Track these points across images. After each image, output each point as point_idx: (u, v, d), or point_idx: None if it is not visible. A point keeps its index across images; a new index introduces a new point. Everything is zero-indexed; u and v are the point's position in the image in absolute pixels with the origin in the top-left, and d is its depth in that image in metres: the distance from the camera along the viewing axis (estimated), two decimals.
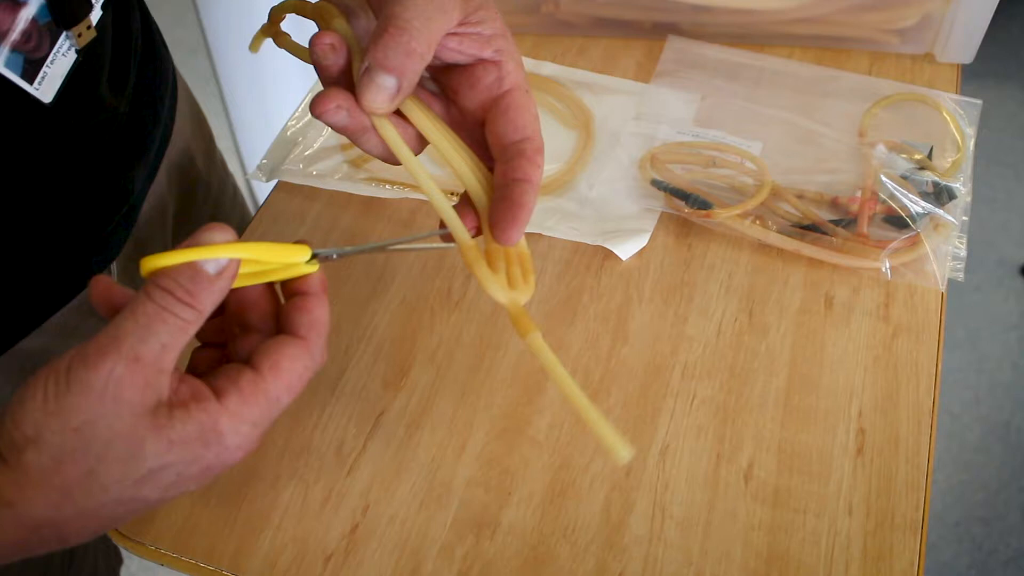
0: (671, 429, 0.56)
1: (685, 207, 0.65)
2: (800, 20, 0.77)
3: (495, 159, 0.44)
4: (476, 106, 0.45)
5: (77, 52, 0.52)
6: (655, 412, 0.57)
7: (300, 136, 0.74)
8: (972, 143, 0.71)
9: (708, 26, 0.79)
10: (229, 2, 1.33)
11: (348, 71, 0.44)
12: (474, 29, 0.43)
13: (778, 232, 0.64)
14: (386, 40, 0.40)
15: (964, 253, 0.64)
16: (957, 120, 0.72)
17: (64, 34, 0.50)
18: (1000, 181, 1.94)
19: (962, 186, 0.67)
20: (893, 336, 0.60)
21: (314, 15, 0.47)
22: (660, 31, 0.79)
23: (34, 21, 0.48)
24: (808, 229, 0.64)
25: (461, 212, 0.44)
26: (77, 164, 0.56)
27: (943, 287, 0.62)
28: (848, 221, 0.64)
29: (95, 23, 0.53)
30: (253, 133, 1.46)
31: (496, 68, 0.44)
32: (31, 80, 0.49)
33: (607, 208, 0.67)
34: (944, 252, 0.64)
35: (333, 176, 0.70)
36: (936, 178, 0.66)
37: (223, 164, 0.86)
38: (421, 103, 0.45)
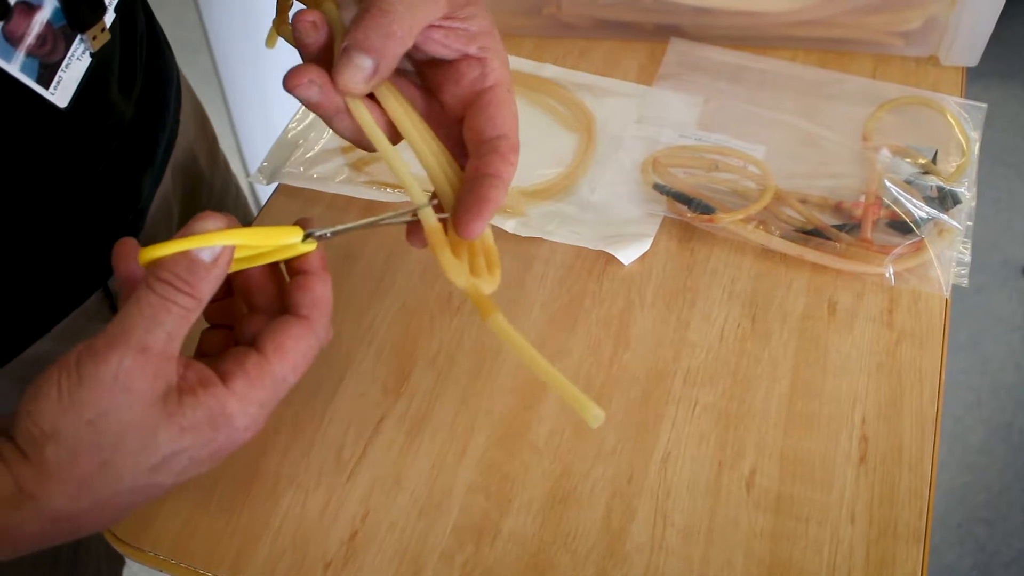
0: (673, 436, 0.56)
1: (688, 212, 0.64)
2: (803, 22, 0.76)
3: (469, 154, 0.44)
4: (457, 102, 0.45)
5: (91, 56, 0.51)
6: (657, 419, 0.57)
7: (301, 139, 0.73)
8: (977, 147, 0.70)
9: (711, 28, 0.78)
10: (230, 1, 1.33)
11: (329, 51, 0.43)
12: (461, 24, 0.43)
13: (781, 237, 0.63)
14: (367, 21, 0.40)
15: (968, 259, 0.64)
16: (962, 124, 0.71)
17: (79, 37, 0.50)
18: (1004, 181, 1.93)
19: (967, 191, 0.66)
20: (897, 342, 0.60)
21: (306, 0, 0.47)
22: (663, 33, 0.79)
23: (49, 25, 0.47)
24: (811, 234, 0.64)
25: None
26: (89, 169, 0.56)
27: (947, 293, 0.62)
28: (852, 226, 0.64)
29: (108, 26, 0.52)
30: (255, 132, 1.46)
31: (480, 64, 0.44)
32: (47, 85, 0.48)
33: (609, 212, 0.67)
34: (948, 258, 0.63)
35: (334, 179, 0.70)
36: (940, 183, 0.66)
37: (226, 165, 0.86)
38: (397, 92, 0.44)
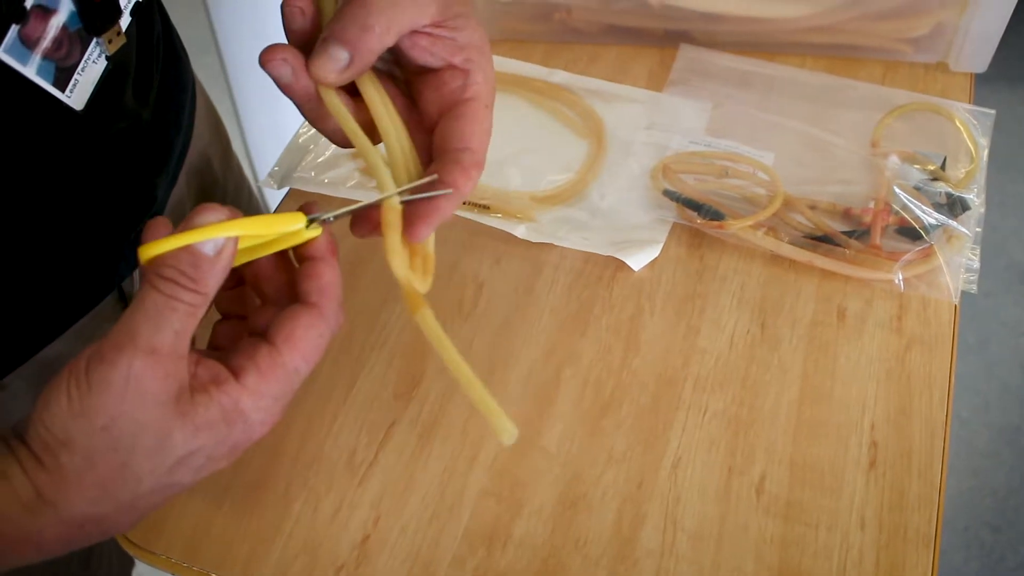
0: (683, 442, 0.56)
1: (697, 218, 0.65)
2: (813, 29, 0.77)
3: (433, 161, 0.44)
4: (435, 109, 0.44)
5: (107, 59, 0.51)
6: (667, 424, 0.57)
7: (312, 143, 0.74)
8: (986, 153, 0.70)
9: (720, 34, 0.78)
10: (239, 2, 1.33)
11: (315, 40, 0.43)
12: (449, 33, 0.43)
13: (790, 243, 0.64)
14: (345, 13, 0.41)
15: (977, 265, 0.64)
16: (971, 130, 0.72)
17: (95, 41, 0.50)
18: (1011, 185, 1.93)
19: (976, 197, 0.66)
20: (906, 349, 0.60)
21: None
22: (672, 39, 0.79)
23: (64, 28, 0.47)
24: (821, 240, 0.64)
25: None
26: (104, 172, 0.56)
27: (956, 300, 0.62)
28: (861, 232, 0.64)
29: (124, 29, 0.52)
30: (264, 135, 1.46)
31: (463, 76, 0.44)
32: (63, 88, 0.49)
33: (619, 218, 0.67)
34: (957, 264, 0.63)
35: (345, 184, 0.70)
36: (950, 189, 0.66)
37: (239, 167, 0.86)
38: (379, 86, 0.44)
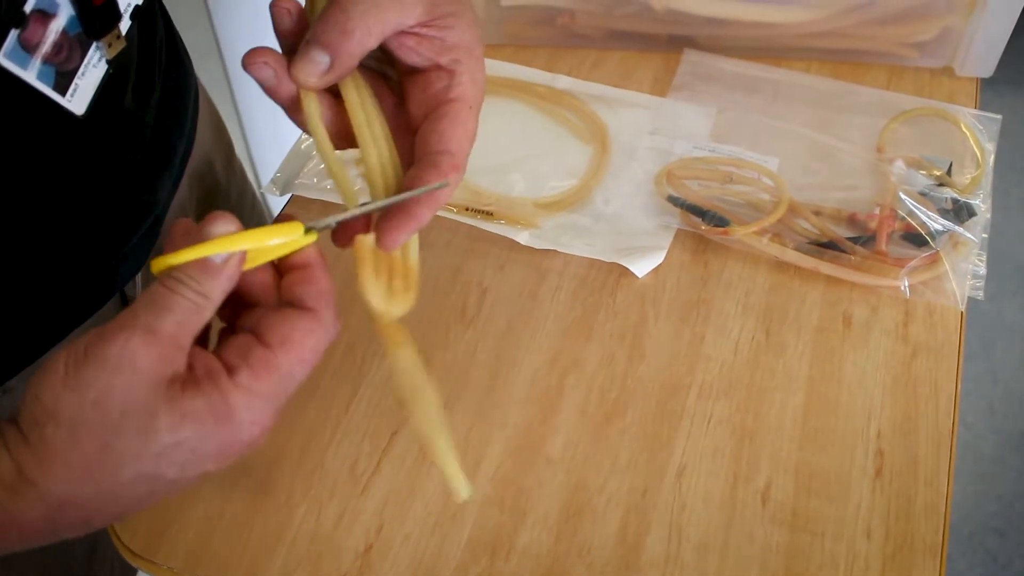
0: (688, 449, 0.56)
1: (702, 224, 0.64)
2: (818, 34, 0.76)
3: (413, 164, 0.43)
4: (420, 112, 0.44)
5: (108, 63, 0.51)
6: (671, 432, 0.56)
7: (314, 150, 0.73)
8: (992, 159, 0.70)
9: (725, 39, 0.78)
10: (242, 5, 1.33)
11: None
12: (437, 33, 0.43)
13: (795, 249, 0.63)
14: (326, 17, 0.41)
15: (984, 271, 0.64)
16: (976, 135, 0.71)
17: (94, 45, 0.50)
18: (1016, 189, 1.93)
19: (981, 203, 0.66)
20: (912, 356, 0.60)
21: None
22: (676, 44, 0.79)
23: (64, 32, 0.47)
24: (826, 246, 0.63)
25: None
26: (105, 176, 0.56)
27: (963, 306, 0.62)
28: (866, 238, 0.64)
29: (124, 33, 0.52)
30: (266, 139, 1.46)
31: (448, 76, 0.43)
32: (63, 92, 0.48)
33: (623, 224, 0.66)
34: (963, 270, 0.63)
35: None
36: (955, 195, 0.65)
37: (242, 172, 0.86)
38: (363, 89, 0.44)
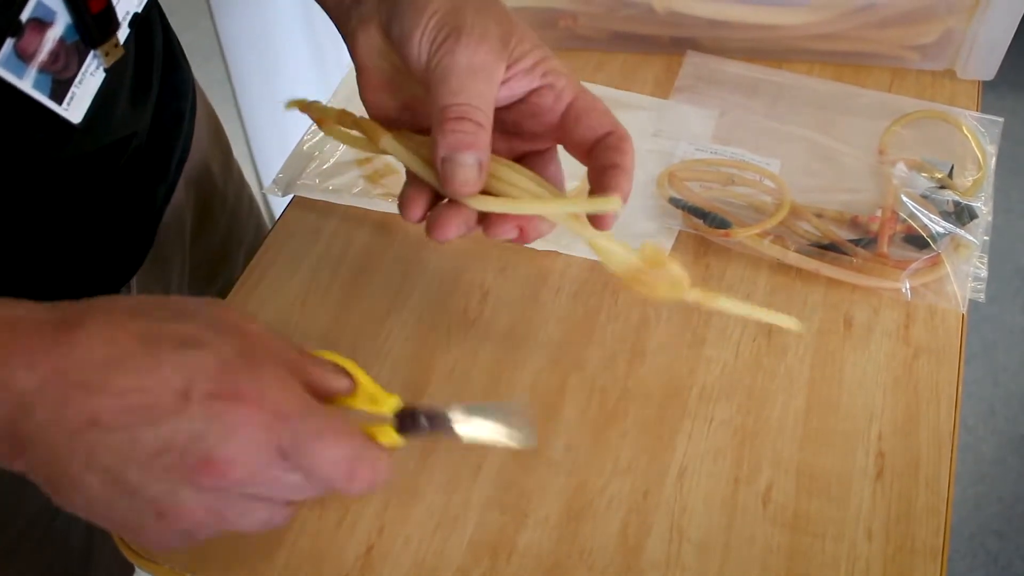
0: (689, 451, 0.56)
1: (703, 226, 0.64)
2: (820, 36, 0.76)
3: (587, 164, 0.45)
4: (543, 131, 0.46)
5: (105, 71, 0.51)
6: (672, 434, 0.57)
7: (316, 150, 0.73)
8: (993, 161, 0.70)
9: (727, 41, 0.78)
10: (244, 6, 1.33)
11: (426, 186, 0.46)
12: (518, 68, 0.44)
13: (797, 252, 0.63)
14: (448, 127, 0.41)
15: (985, 273, 0.64)
16: (978, 138, 0.71)
17: (92, 53, 0.50)
18: (1017, 192, 1.93)
19: (983, 205, 0.66)
20: (913, 358, 0.60)
21: (360, 128, 0.48)
22: (678, 46, 0.79)
23: (61, 41, 0.47)
24: (827, 249, 0.63)
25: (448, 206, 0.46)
26: (102, 182, 0.56)
27: (964, 308, 0.62)
28: (868, 241, 0.64)
29: (122, 41, 0.52)
30: (268, 140, 1.46)
31: (550, 91, 0.45)
32: (60, 101, 0.49)
33: (624, 226, 0.66)
34: (965, 272, 0.63)
35: (350, 191, 0.70)
36: (957, 197, 0.65)
37: (240, 176, 0.86)
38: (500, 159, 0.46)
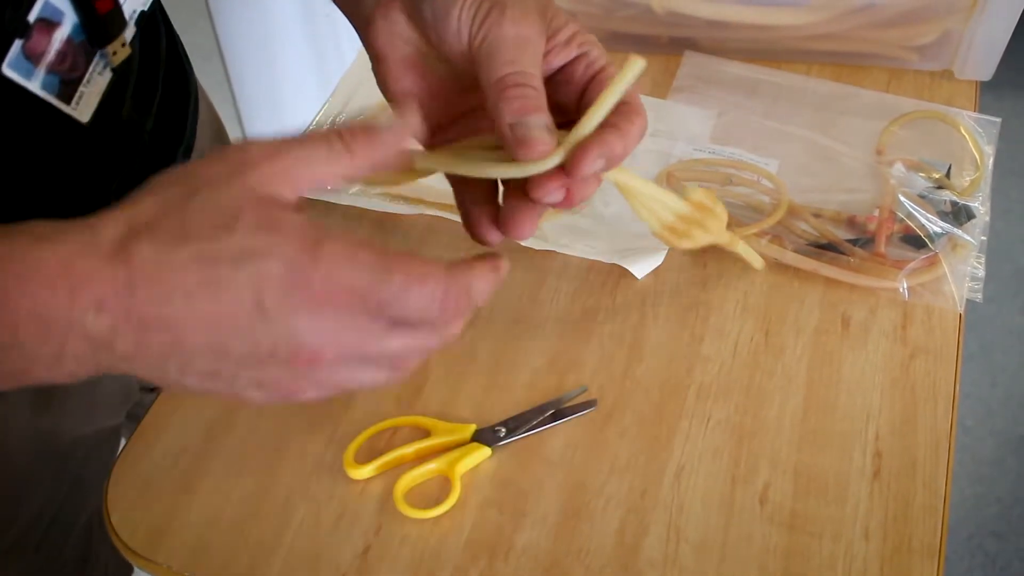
0: (686, 450, 0.56)
1: None
2: (818, 36, 0.76)
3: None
4: (572, 98, 0.46)
5: (112, 71, 0.51)
6: (670, 433, 0.57)
7: None
8: (991, 162, 0.70)
9: (725, 42, 0.78)
10: (243, 7, 1.34)
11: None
12: (556, 40, 0.45)
13: (795, 251, 0.63)
14: (510, 93, 0.42)
15: (982, 273, 0.64)
16: (976, 138, 0.71)
17: (99, 53, 0.50)
18: (1016, 192, 1.93)
19: (980, 205, 0.66)
20: (911, 358, 0.60)
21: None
22: (677, 46, 0.79)
23: (69, 41, 0.47)
24: (825, 248, 0.64)
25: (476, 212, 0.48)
26: (106, 181, 0.56)
27: (961, 308, 0.62)
28: (865, 240, 0.64)
29: (128, 41, 0.52)
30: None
31: (584, 59, 0.46)
32: (68, 101, 0.49)
33: (622, 226, 0.67)
34: (962, 272, 0.63)
35: (348, 190, 0.70)
36: (954, 197, 0.66)
37: None
38: None
